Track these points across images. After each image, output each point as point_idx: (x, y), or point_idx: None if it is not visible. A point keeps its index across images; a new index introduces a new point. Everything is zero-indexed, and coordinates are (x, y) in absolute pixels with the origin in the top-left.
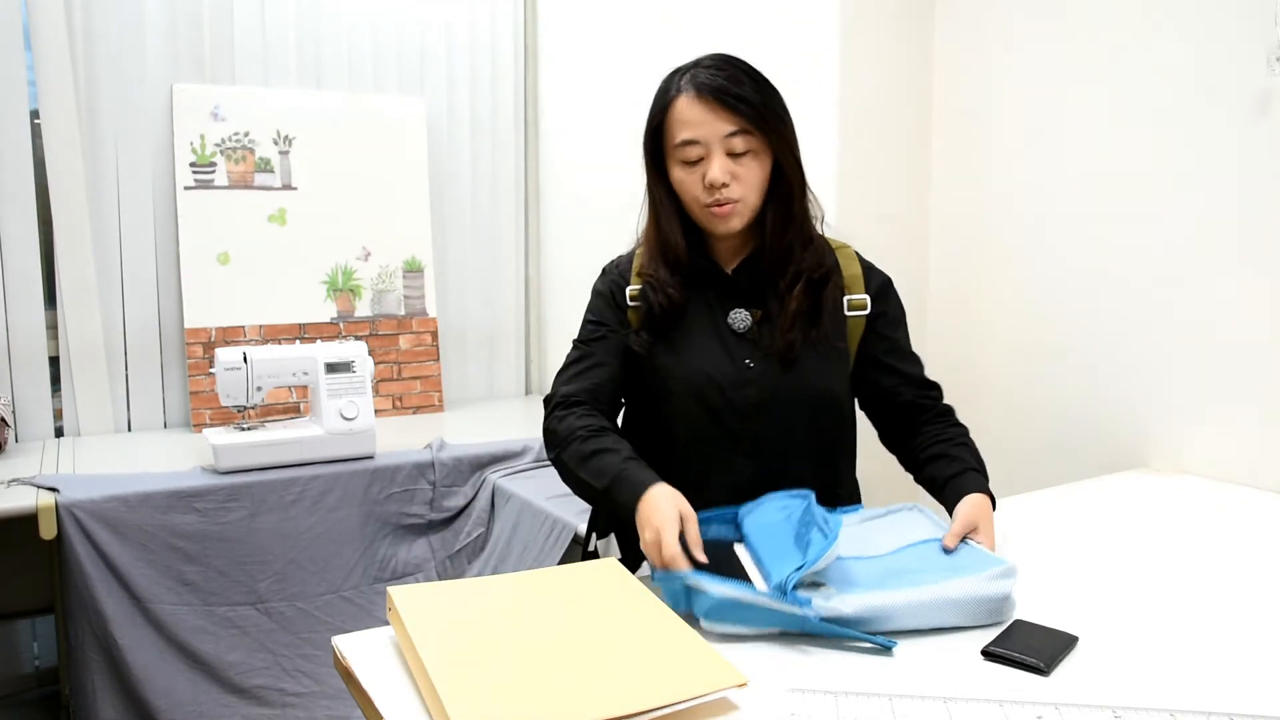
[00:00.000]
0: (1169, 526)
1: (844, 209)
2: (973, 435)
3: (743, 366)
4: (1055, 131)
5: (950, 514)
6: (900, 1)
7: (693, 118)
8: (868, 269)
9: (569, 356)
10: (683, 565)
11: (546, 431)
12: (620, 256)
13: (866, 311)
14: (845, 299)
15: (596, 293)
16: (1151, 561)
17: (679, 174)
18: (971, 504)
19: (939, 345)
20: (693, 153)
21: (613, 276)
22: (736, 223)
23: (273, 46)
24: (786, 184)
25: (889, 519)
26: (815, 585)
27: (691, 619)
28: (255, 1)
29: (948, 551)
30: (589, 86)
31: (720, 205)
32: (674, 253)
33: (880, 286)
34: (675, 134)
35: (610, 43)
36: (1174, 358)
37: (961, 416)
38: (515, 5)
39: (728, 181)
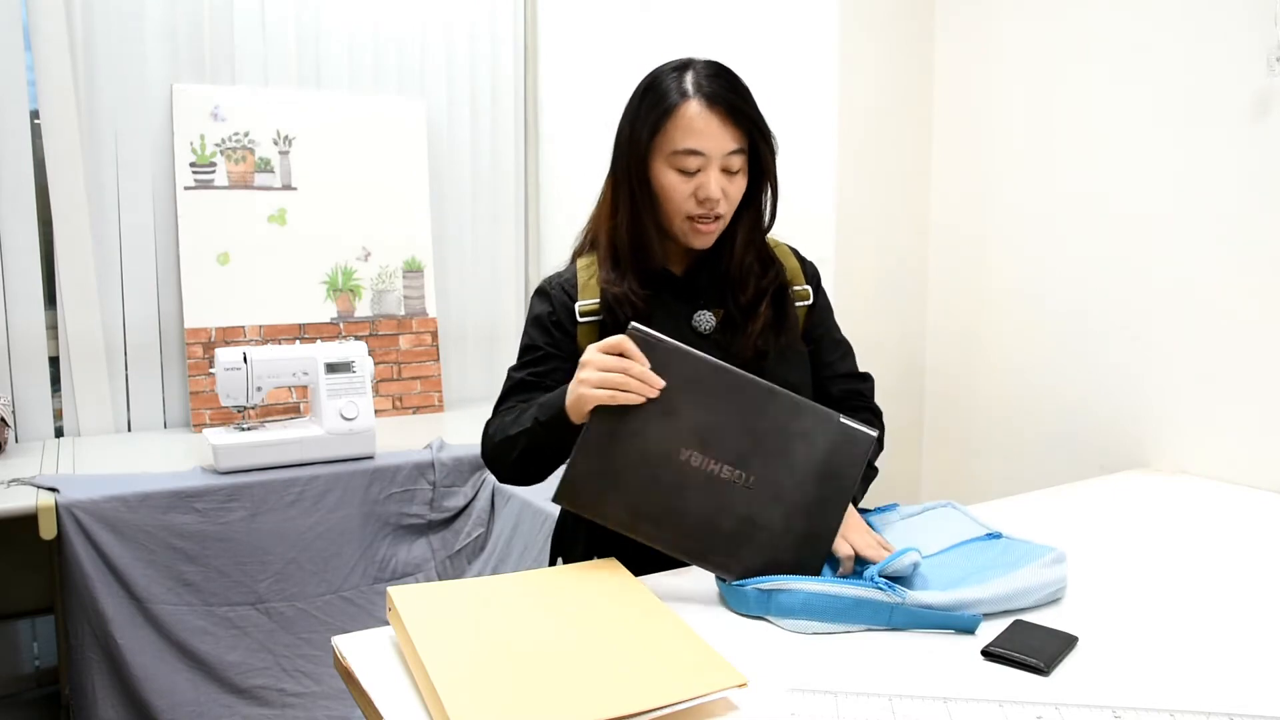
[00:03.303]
0: (1169, 526)
1: (844, 209)
2: (973, 435)
3: None
4: (1055, 132)
5: None
6: (900, 5)
7: (702, 128)
8: (802, 261)
9: (505, 385)
10: (632, 352)
11: (485, 456)
12: (559, 274)
13: (809, 301)
14: (789, 289)
15: (534, 318)
16: (1151, 561)
17: (671, 179)
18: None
19: (938, 345)
20: (692, 163)
21: (556, 295)
22: (711, 240)
23: (273, 46)
24: (760, 205)
25: (927, 516)
26: (896, 580)
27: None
28: (255, 1)
29: (992, 537)
30: (589, 86)
31: (706, 221)
32: (646, 252)
33: (812, 276)
34: (678, 139)
35: (610, 43)
36: (1174, 358)
37: (962, 417)
38: (515, 5)
39: (720, 198)
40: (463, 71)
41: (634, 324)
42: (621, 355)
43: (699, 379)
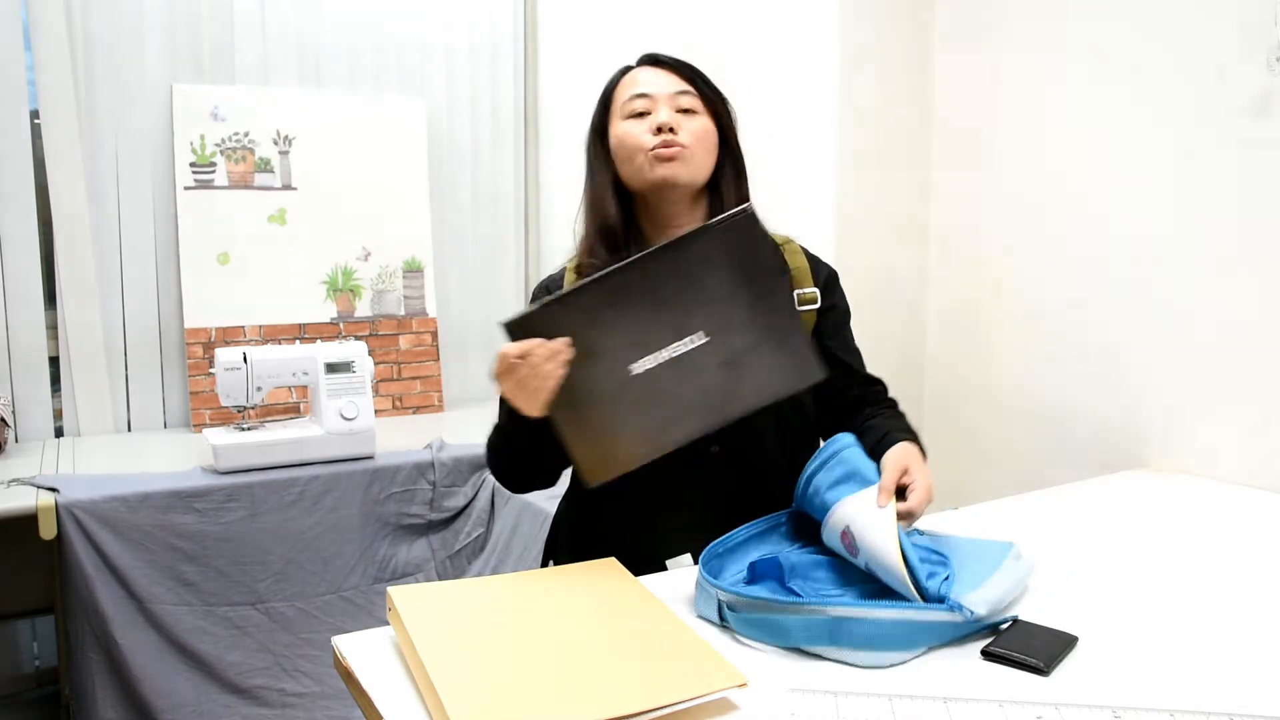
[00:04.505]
0: (1169, 526)
1: (844, 209)
2: (973, 435)
3: None
4: (1055, 132)
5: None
6: (900, 5)
7: (643, 79)
8: (814, 261)
9: (499, 401)
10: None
11: (490, 467)
12: (550, 276)
13: (817, 305)
14: (795, 293)
15: None
16: (1151, 561)
17: (625, 127)
18: (898, 450)
19: (939, 345)
20: (641, 104)
21: (541, 298)
22: (681, 168)
23: (273, 46)
24: (735, 165)
25: (841, 467)
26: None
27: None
28: (255, 1)
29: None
30: (589, 87)
31: (668, 147)
32: (609, 224)
33: (828, 279)
34: (624, 94)
35: (611, 43)
36: (1174, 357)
37: (962, 417)
38: (515, 5)
39: (675, 127)
40: (463, 71)
41: (501, 321)
42: (516, 358)
43: (590, 309)
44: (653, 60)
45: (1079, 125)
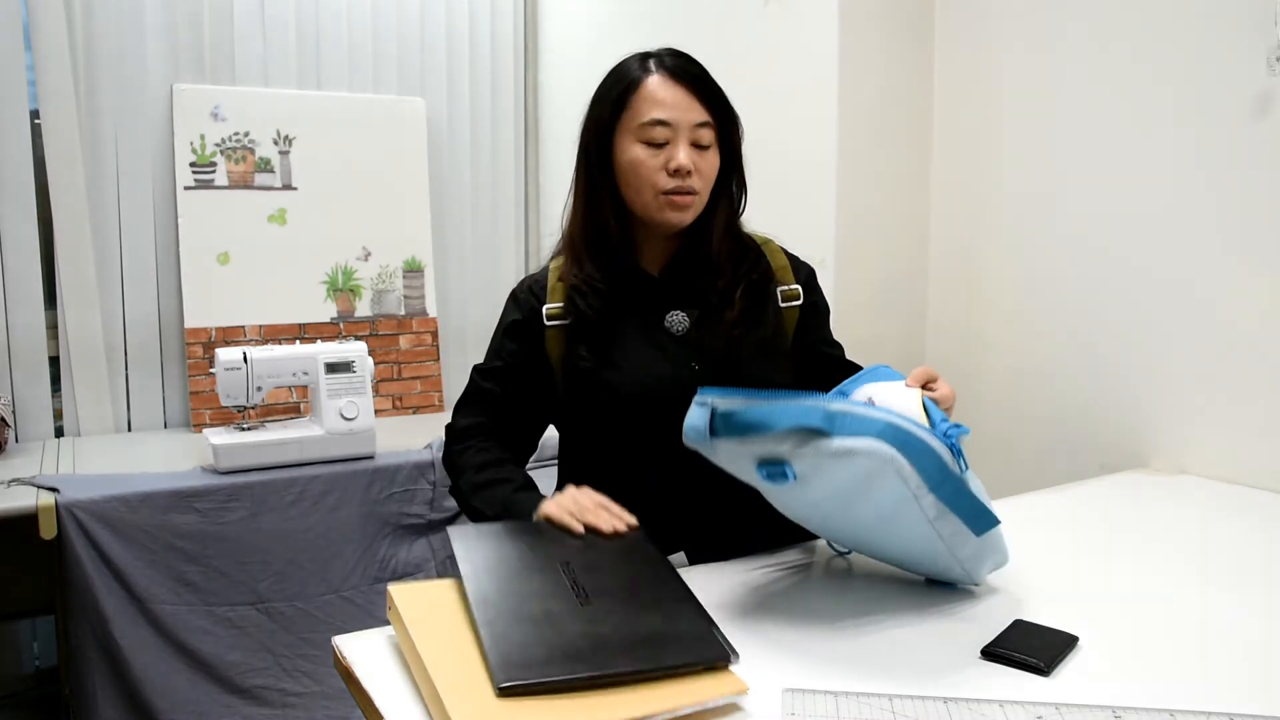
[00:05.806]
0: (1169, 526)
1: (844, 209)
2: (973, 435)
3: (689, 370)
4: (1055, 132)
5: None
6: (899, 5)
7: (667, 99)
8: (793, 260)
9: (468, 385)
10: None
11: (445, 463)
12: (532, 275)
13: (799, 302)
14: (778, 290)
15: (504, 325)
16: (1151, 561)
17: (639, 154)
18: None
19: (938, 345)
20: (660, 134)
21: (524, 300)
22: (689, 216)
23: (273, 46)
24: (736, 187)
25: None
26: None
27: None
28: (255, 1)
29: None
30: (589, 87)
31: (681, 194)
32: (607, 237)
33: (808, 277)
34: (644, 112)
35: (610, 44)
36: (1174, 358)
37: (962, 417)
38: (515, 5)
39: (692, 170)
40: (462, 71)
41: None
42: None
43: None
44: (671, 71)
45: (1078, 126)
